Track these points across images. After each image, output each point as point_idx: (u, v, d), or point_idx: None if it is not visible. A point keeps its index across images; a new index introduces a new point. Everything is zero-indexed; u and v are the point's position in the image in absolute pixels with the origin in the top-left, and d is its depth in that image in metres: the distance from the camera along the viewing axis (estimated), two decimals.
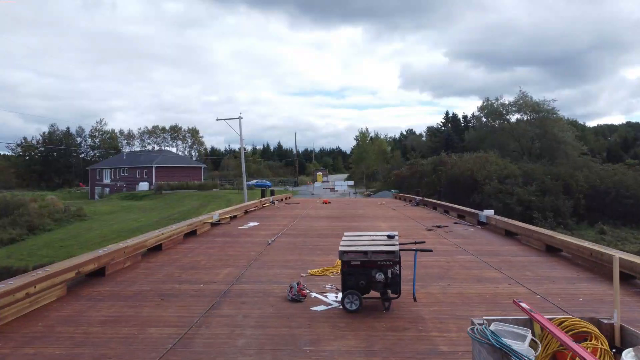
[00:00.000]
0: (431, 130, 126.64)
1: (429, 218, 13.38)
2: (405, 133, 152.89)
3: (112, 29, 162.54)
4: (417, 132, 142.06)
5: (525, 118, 48.74)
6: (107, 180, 65.62)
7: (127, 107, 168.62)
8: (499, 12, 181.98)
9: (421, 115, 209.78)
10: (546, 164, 39.69)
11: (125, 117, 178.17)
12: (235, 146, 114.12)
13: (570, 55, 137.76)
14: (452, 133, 66.75)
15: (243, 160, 36.34)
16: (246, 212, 15.05)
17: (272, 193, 31.23)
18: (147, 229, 38.29)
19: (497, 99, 49.11)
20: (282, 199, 23.92)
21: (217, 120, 35.33)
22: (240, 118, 34.97)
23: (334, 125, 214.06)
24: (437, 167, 43.15)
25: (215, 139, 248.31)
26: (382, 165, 71.02)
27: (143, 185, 56.54)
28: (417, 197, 20.55)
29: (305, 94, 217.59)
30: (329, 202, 21.12)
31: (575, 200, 34.86)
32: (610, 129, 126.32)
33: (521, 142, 47.21)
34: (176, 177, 57.26)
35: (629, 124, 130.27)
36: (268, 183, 67.65)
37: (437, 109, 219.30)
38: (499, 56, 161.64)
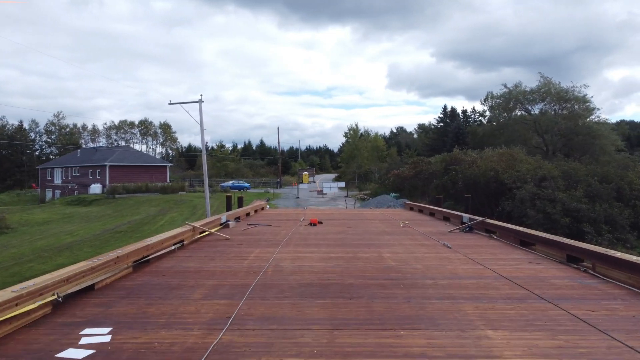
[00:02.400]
0: (422, 128, 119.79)
1: (567, 284, 5.42)
2: (395, 131, 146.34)
3: (100, 27, 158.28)
4: (407, 131, 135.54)
5: (550, 108, 41.11)
6: (58, 181, 56.51)
7: (112, 106, 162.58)
8: (486, 13, 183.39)
9: (408, 115, 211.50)
10: (585, 162, 32.19)
11: (111, 116, 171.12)
12: (212, 143, 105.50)
13: (556, 56, 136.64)
14: (462, 127, 59.14)
15: (204, 157, 28.05)
16: (142, 262, 6.84)
17: (240, 202, 23.09)
18: (80, 247, 29.71)
19: (516, 86, 41.54)
20: (247, 214, 15.82)
21: (170, 104, 26.83)
22: (200, 102, 26.71)
23: (321, 125, 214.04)
24: (448, 167, 35.42)
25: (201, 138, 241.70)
26: (376, 164, 63.19)
27: (95, 188, 47.63)
28: (466, 215, 12.55)
29: (293, 93, 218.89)
30: (320, 223, 13.05)
31: (632, 209, 27.38)
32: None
33: (546, 137, 39.65)
34: (135, 178, 48.48)
35: (624, 122, 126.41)
36: (246, 184, 59.36)
37: (423, 108, 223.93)
38: (486, 56, 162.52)
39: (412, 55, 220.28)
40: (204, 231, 9.96)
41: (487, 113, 67.63)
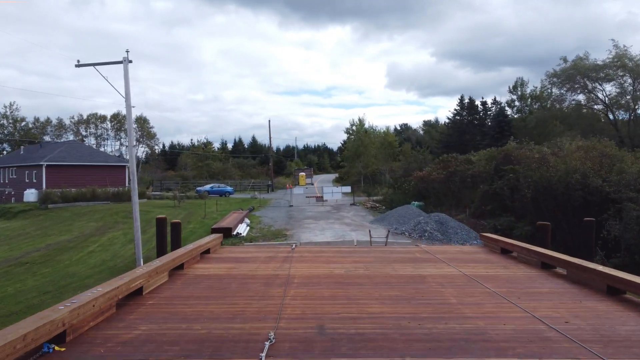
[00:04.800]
0: (429, 125, 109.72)
1: None
2: (400, 128, 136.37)
3: (100, 27, 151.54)
4: (413, 128, 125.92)
5: (624, 89, 30.86)
6: None
7: (113, 105, 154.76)
8: (486, 12, 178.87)
9: (408, 115, 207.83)
10: None
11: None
12: (195, 139, 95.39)
13: (556, 55, 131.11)
14: (505, 115, 48.90)
15: (132, 150, 17.75)
16: None
17: (176, 237, 12.93)
18: None
19: (580, 59, 31.25)
20: (135, 291, 5.46)
21: (77, 66, 16.47)
22: (126, 61, 16.51)
23: (320, 125, 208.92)
24: (501, 167, 25.24)
25: (200, 139, 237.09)
26: (387, 163, 53.02)
27: (29, 194, 37.30)
28: None
29: (293, 93, 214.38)
30: None
31: None
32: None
33: (621, 126, 29.43)
34: (82, 182, 38.18)
35: None
36: (229, 189, 49.04)
37: (423, 108, 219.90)
38: (486, 56, 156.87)
39: (411, 55, 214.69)
40: None
41: (517, 103, 57.85)
